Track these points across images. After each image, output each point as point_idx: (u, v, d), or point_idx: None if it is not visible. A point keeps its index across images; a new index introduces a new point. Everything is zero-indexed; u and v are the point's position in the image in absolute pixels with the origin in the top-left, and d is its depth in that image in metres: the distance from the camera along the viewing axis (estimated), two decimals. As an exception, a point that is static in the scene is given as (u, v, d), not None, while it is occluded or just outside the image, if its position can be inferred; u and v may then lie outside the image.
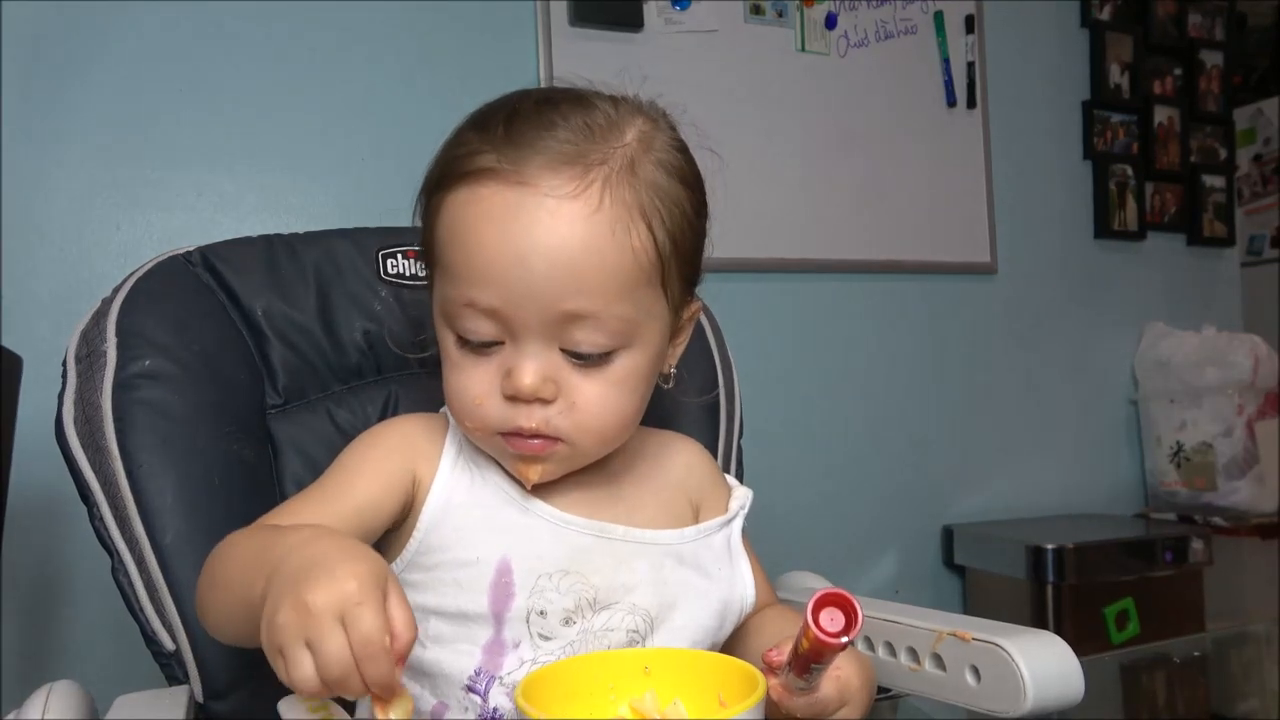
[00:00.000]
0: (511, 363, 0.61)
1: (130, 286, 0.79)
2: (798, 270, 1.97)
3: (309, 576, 0.47)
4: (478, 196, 0.60)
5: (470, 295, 0.60)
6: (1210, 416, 2.22)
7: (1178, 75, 2.48)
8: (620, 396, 0.64)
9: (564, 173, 0.59)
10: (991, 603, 1.99)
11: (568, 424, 0.63)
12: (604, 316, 0.60)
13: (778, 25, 1.96)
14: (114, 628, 1.37)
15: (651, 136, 0.64)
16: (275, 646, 0.47)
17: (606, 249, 0.59)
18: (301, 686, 0.46)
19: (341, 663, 0.45)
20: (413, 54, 1.69)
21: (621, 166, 0.61)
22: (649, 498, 0.72)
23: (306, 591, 0.46)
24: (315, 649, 0.46)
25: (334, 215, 1.56)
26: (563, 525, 0.66)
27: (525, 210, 0.59)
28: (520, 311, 0.60)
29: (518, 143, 0.60)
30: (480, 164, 0.60)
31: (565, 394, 0.62)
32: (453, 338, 0.64)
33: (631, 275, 0.61)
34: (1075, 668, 0.69)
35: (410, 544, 0.66)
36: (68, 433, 0.74)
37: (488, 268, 0.59)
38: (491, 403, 0.63)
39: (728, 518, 0.74)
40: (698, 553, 0.70)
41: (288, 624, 0.46)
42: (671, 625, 0.67)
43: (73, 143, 1.48)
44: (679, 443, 0.79)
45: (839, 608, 0.50)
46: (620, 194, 0.60)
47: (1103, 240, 2.34)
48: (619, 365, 0.63)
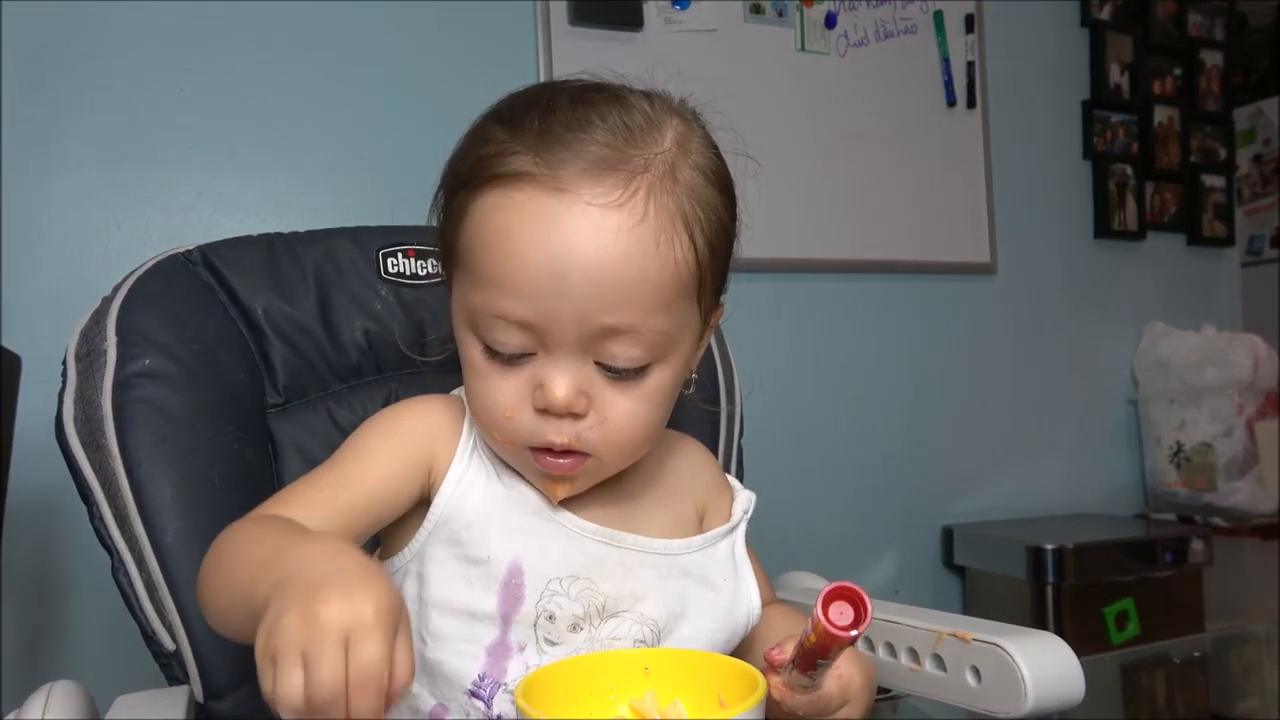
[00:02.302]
0: (543, 375, 0.59)
1: (130, 286, 0.79)
2: (798, 270, 1.97)
3: (325, 589, 0.44)
4: (512, 201, 0.57)
5: (502, 307, 0.58)
6: (1210, 416, 2.22)
7: (1178, 75, 2.48)
8: (650, 410, 0.62)
9: (606, 180, 0.56)
10: (991, 603, 1.99)
11: (597, 438, 0.61)
12: (642, 330, 0.58)
13: (778, 25, 1.96)
14: (114, 628, 1.36)
15: (688, 138, 0.61)
16: (269, 653, 0.44)
17: (649, 262, 0.57)
18: (284, 701, 0.43)
19: (333, 685, 0.42)
20: (413, 54, 1.69)
21: (664, 173, 0.58)
22: (657, 506, 0.71)
23: (320, 603, 0.43)
24: (310, 664, 0.42)
25: (334, 215, 1.55)
26: (577, 532, 0.65)
27: (565, 219, 0.55)
28: (555, 325, 0.57)
29: (553, 144, 0.56)
30: (514, 166, 0.57)
31: (597, 408, 0.60)
32: (479, 346, 0.61)
33: (672, 288, 0.58)
34: (1075, 668, 0.69)
35: (420, 534, 0.65)
36: (68, 432, 0.74)
37: (523, 279, 0.56)
38: (522, 415, 0.60)
39: (732, 525, 0.73)
40: (703, 564, 0.69)
41: (289, 631, 0.43)
42: (679, 637, 0.66)
43: (73, 143, 1.48)
44: (683, 444, 0.78)
45: (848, 601, 0.50)
46: (664, 203, 0.57)
47: (1103, 240, 2.34)
48: (653, 379, 0.61)
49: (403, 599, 0.47)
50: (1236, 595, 2.09)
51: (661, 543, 0.68)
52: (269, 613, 0.45)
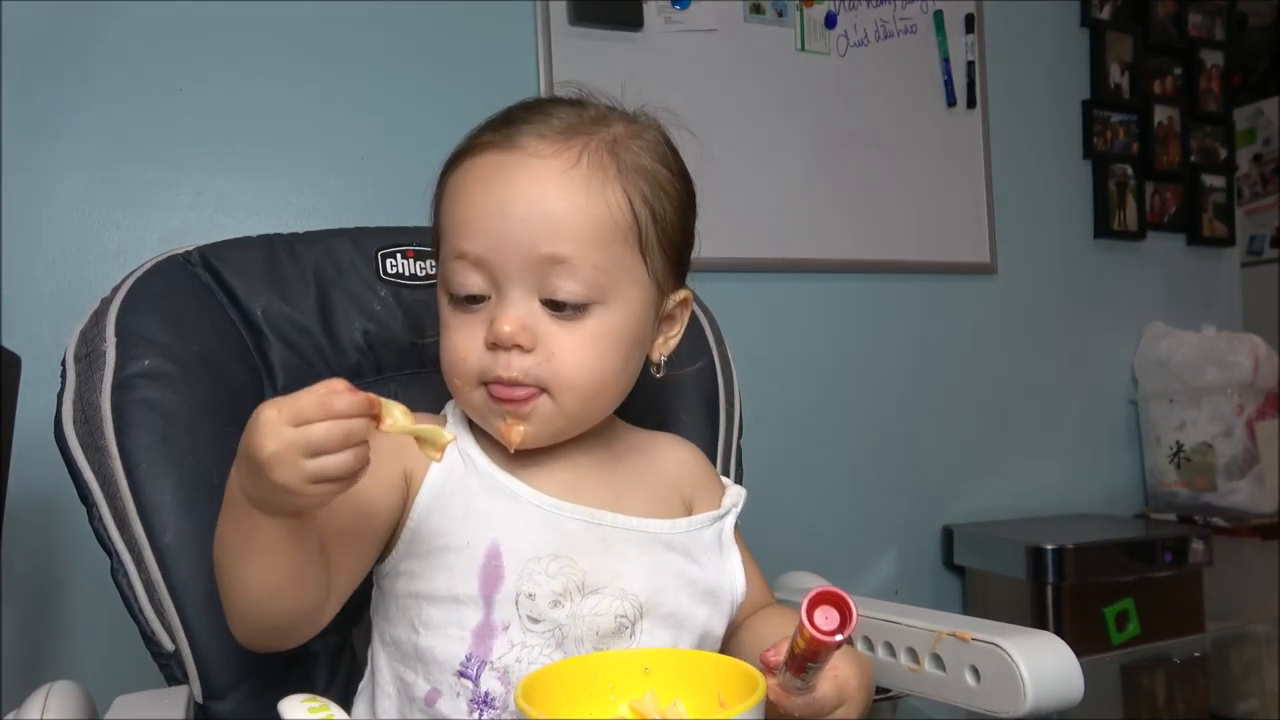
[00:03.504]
0: (494, 314, 0.65)
1: (129, 286, 0.79)
2: (797, 270, 1.97)
3: (252, 453, 0.53)
4: (473, 164, 0.67)
5: (460, 246, 0.66)
6: (1210, 416, 2.21)
7: (1178, 75, 2.48)
8: (598, 351, 0.67)
9: (550, 141, 0.66)
10: (991, 603, 1.99)
11: (546, 374, 0.66)
12: (578, 264, 0.64)
13: (777, 25, 1.96)
14: (114, 628, 1.36)
15: (640, 131, 0.70)
16: (306, 490, 0.53)
17: (580, 199, 0.65)
18: (348, 467, 0.53)
19: (333, 431, 0.52)
20: (412, 53, 1.69)
21: (603, 142, 0.67)
22: (639, 487, 0.73)
23: (262, 453, 0.52)
24: (316, 450, 0.52)
25: (334, 215, 1.56)
26: (552, 510, 0.68)
27: (509, 168, 0.65)
28: (501, 256, 0.64)
29: (515, 122, 0.67)
30: (479, 141, 0.68)
31: (544, 344, 0.65)
32: (446, 299, 0.68)
33: (606, 227, 0.65)
34: (1075, 668, 0.69)
35: (404, 535, 0.68)
36: (67, 433, 0.74)
37: (473, 216, 0.66)
38: (474, 354, 0.66)
39: (720, 513, 0.75)
40: (687, 543, 0.71)
41: (286, 473, 0.52)
42: (660, 612, 0.67)
43: (73, 143, 1.48)
44: (672, 442, 0.80)
45: (834, 606, 0.50)
46: (599, 159, 0.66)
47: (1103, 240, 2.34)
48: (596, 319, 0.66)
49: None
50: (1236, 595, 2.08)
51: (642, 521, 0.70)
52: (275, 497, 0.54)
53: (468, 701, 0.64)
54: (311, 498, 0.54)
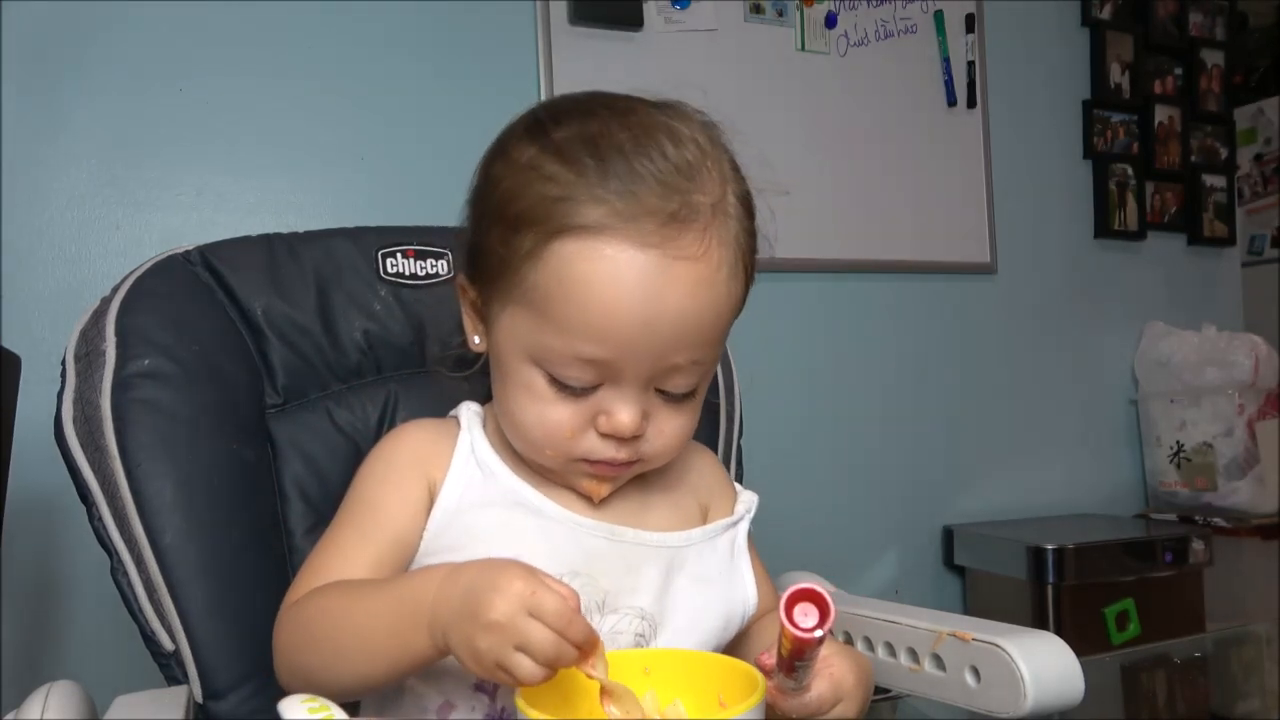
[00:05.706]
0: (609, 405, 0.62)
1: (129, 286, 0.79)
2: (797, 270, 1.97)
3: (480, 602, 0.52)
4: (599, 254, 0.57)
5: (585, 351, 0.59)
6: (1210, 416, 2.21)
7: (1178, 75, 2.48)
8: (694, 419, 0.67)
9: (685, 234, 0.59)
10: (991, 603, 1.99)
11: (650, 451, 0.65)
12: (704, 361, 0.63)
13: (778, 24, 1.96)
14: (114, 628, 1.36)
15: (721, 161, 0.65)
16: (490, 667, 0.52)
17: (723, 305, 0.62)
18: (531, 679, 0.51)
19: (551, 643, 0.50)
20: (412, 53, 1.69)
21: (723, 214, 0.62)
22: (659, 499, 0.72)
23: (488, 613, 0.51)
24: (525, 647, 0.51)
25: (334, 215, 1.56)
26: (575, 527, 0.66)
27: (653, 275, 0.58)
28: (632, 366, 0.60)
29: (625, 195, 0.58)
30: (593, 218, 0.57)
31: (653, 425, 0.64)
32: (543, 376, 0.62)
33: (731, 320, 0.64)
34: (1075, 668, 0.69)
35: (421, 545, 0.66)
36: (67, 433, 0.74)
37: (610, 328, 0.58)
38: (585, 437, 0.63)
39: (733, 520, 0.74)
40: (702, 555, 0.70)
41: (491, 645, 0.51)
42: (675, 627, 0.67)
43: (73, 142, 1.48)
44: (689, 448, 0.78)
45: (811, 602, 0.51)
46: (728, 243, 0.62)
47: (1103, 240, 2.34)
48: (698, 394, 0.67)
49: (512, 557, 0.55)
50: (1236, 595, 2.08)
51: (661, 535, 0.69)
52: (460, 651, 0.53)
53: (484, 716, 0.63)
54: (473, 667, 0.53)
